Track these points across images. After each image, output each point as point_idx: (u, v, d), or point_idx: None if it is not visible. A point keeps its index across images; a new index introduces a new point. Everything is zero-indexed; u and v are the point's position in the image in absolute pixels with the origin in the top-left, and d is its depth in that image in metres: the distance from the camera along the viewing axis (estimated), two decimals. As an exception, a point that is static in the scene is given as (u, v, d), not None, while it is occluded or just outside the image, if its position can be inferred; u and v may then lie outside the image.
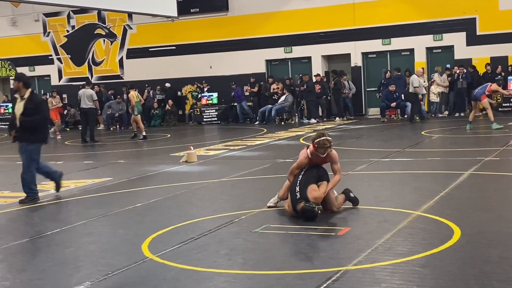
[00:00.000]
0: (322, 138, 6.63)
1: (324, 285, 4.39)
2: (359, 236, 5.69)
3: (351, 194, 6.95)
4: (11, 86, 27.95)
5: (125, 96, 23.39)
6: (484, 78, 19.64)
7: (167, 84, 24.13)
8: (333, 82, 21.19)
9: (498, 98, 19.64)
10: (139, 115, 17.70)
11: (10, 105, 26.87)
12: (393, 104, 19.72)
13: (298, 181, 6.59)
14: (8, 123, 9.31)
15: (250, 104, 22.83)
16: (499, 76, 19.80)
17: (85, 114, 17.58)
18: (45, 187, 9.59)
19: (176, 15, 20.75)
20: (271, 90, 21.95)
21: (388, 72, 20.93)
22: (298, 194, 6.42)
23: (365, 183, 8.64)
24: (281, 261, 5.06)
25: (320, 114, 21.36)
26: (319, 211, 6.40)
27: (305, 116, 21.56)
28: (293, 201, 6.41)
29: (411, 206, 6.74)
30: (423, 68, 20.06)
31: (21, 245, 6.10)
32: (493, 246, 5.15)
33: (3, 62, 27.85)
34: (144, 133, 17.54)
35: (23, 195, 8.44)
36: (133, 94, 17.83)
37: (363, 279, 4.52)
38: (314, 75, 21.59)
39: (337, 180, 6.78)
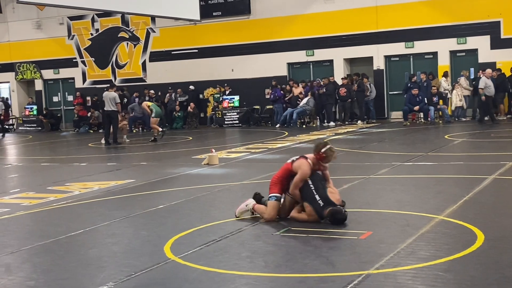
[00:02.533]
0: (328, 147, 6.62)
1: (346, 288, 4.38)
2: (381, 240, 5.67)
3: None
4: (36, 89, 28.44)
5: (146, 98, 23.60)
6: (510, 81, 19.43)
7: (191, 87, 24.26)
8: (356, 85, 21.12)
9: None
10: (156, 118, 17.94)
11: (35, 107, 27.30)
12: (416, 108, 19.59)
13: (313, 190, 6.47)
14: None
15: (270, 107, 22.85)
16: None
17: (108, 117, 17.76)
18: (69, 188, 9.72)
19: (199, 19, 20.86)
20: (294, 94, 21.88)
21: (415, 77, 20.68)
22: (321, 202, 6.37)
23: (388, 187, 8.60)
24: (302, 264, 5.06)
25: (343, 117, 21.29)
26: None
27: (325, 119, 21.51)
28: (318, 210, 6.35)
29: (434, 211, 6.70)
30: (490, 69, 19.15)
31: (46, 245, 6.19)
32: (517, 252, 5.10)
33: (28, 65, 28.33)
34: (156, 135, 17.75)
35: (48, 196, 8.54)
36: (146, 104, 18.25)
37: (385, 283, 4.51)
38: (341, 78, 21.52)
39: (332, 184, 6.92)
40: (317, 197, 6.40)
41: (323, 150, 6.62)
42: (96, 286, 4.75)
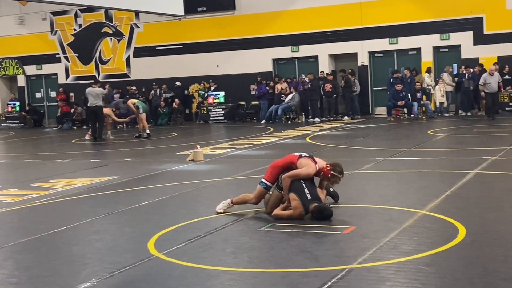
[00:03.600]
0: (340, 176, 6.61)
1: (329, 283, 4.40)
2: (364, 234, 5.70)
3: (331, 189, 7.01)
4: (19, 85, 28.18)
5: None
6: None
7: (177, 83, 24.17)
8: (343, 81, 21.18)
9: (505, 97, 19.61)
10: (144, 114, 17.83)
11: (17, 103, 27.06)
12: (400, 103, 19.68)
13: (303, 184, 6.47)
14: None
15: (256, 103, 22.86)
16: (506, 76, 19.77)
17: (93, 113, 17.65)
18: (52, 185, 9.66)
19: (183, 14, 20.77)
20: (277, 90, 21.90)
21: (398, 73, 20.80)
22: (308, 196, 6.38)
23: (372, 182, 8.65)
24: (286, 259, 5.08)
25: (328, 113, 21.35)
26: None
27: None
28: (305, 202, 6.35)
29: (417, 205, 6.75)
30: (494, 64, 19.00)
31: (28, 242, 6.14)
32: (498, 245, 5.16)
33: (10, 61, 28.04)
34: (148, 131, 17.65)
35: (30, 193, 8.48)
36: (131, 101, 18.15)
37: (368, 277, 4.54)
38: (327, 74, 21.55)
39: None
40: (305, 190, 6.43)
41: (333, 172, 6.55)
42: (79, 283, 4.72)
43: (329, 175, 6.58)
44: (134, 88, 23.99)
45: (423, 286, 4.29)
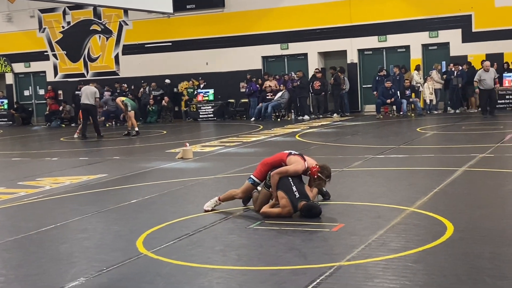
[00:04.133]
0: (327, 179, 6.58)
1: (318, 280, 4.41)
2: (353, 232, 5.72)
3: (324, 188, 7.03)
4: (7, 82, 27.99)
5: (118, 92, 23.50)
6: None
7: (167, 81, 24.09)
8: (332, 78, 21.21)
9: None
10: (133, 112, 17.78)
11: (5, 101, 26.88)
12: (389, 101, 19.76)
13: (290, 181, 6.46)
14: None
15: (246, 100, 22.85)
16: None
17: (86, 111, 17.61)
18: (40, 183, 9.60)
19: (172, 11, 20.70)
20: (264, 87, 21.87)
21: (384, 70, 20.92)
22: (297, 194, 6.37)
23: (360, 180, 8.67)
24: (275, 257, 5.08)
25: (318, 111, 21.37)
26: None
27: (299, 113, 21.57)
28: (293, 200, 6.34)
29: (405, 203, 6.77)
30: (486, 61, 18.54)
31: (16, 241, 6.11)
32: (486, 242, 5.19)
33: (-2, 58, 27.84)
34: (136, 129, 17.61)
35: (19, 191, 8.43)
36: (120, 99, 18.10)
37: (356, 274, 4.55)
38: (315, 71, 21.57)
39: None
40: (293, 188, 6.41)
41: (320, 174, 6.50)
42: (67, 282, 4.70)
43: (315, 176, 6.56)
44: (125, 86, 23.91)
45: (411, 283, 4.31)
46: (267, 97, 21.45)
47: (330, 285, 4.34)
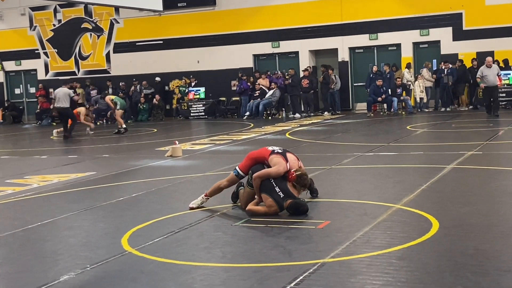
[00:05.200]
0: (305, 184, 6.48)
1: (301, 277, 4.40)
2: (338, 229, 5.72)
3: (314, 186, 7.04)
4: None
5: (110, 90, 23.46)
6: (471, 72, 19.75)
7: (157, 78, 24.04)
8: (322, 76, 21.22)
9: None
10: (121, 110, 17.75)
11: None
12: (380, 99, 19.80)
13: (272, 182, 6.40)
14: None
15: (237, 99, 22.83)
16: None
17: (60, 114, 17.47)
18: (28, 181, 9.56)
19: (162, 9, 20.67)
20: (256, 85, 21.91)
21: (375, 66, 21.00)
22: (281, 194, 6.33)
23: (348, 177, 8.67)
24: (259, 254, 5.07)
25: (308, 109, 21.39)
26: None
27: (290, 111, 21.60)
28: (278, 200, 6.30)
29: (392, 200, 6.78)
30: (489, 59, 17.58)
31: (1, 239, 6.07)
32: (470, 239, 5.20)
33: (-12, 56, 27.71)
34: (124, 126, 17.59)
35: (6, 189, 8.37)
36: (109, 97, 18.05)
37: (340, 271, 4.55)
38: (303, 70, 21.59)
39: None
40: (276, 189, 6.36)
41: (296, 183, 6.38)
42: (50, 279, 4.68)
43: (297, 180, 6.43)
44: (123, 84, 23.87)
45: (393, 279, 4.30)
46: (255, 95, 21.48)
47: (313, 282, 4.33)
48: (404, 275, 4.39)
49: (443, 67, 20.11)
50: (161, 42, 24.56)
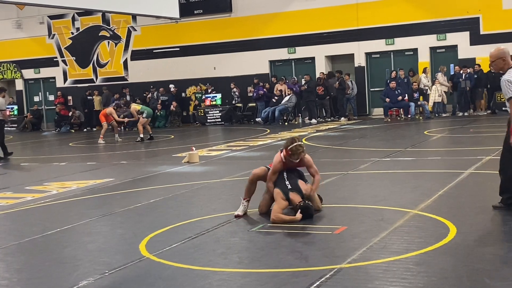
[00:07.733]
0: (295, 144, 6.61)
1: (318, 282, 4.41)
2: (355, 234, 5.72)
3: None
4: (17, 88, 28.21)
5: (128, 97, 23.63)
6: (488, 77, 19.61)
7: (171, 86, 24.20)
8: (337, 82, 21.21)
9: (502, 97, 19.59)
10: (147, 119, 17.69)
11: (16, 107, 27.08)
12: (400, 98, 19.61)
13: (285, 177, 6.66)
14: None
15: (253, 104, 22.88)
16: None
17: None
18: (47, 188, 9.67)
19: (178, 17, 20.82)
20: (275, 91, 21.96)
21: (394, 72, 20.87)
22: (289, 185, 6.55)
23: (365, 182, 8.66)
24: (276, 260, 5.09)
25: (324, 114, 21.37)
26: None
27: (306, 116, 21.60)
28: (285, 191, 6.52)
29: (409, 205, 6.76)
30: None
31: (21, 245, 6.16)
32: (487, 244, 5.17)
33: (8, 65, 28.09)
34: (142, 135, 17.43)
35: (25, 196, 8.48)
36: (135, 108, 17.97)
37: (357, 276, 4.55)
38: (317, 78, 21.59)
39: (319, 179, 6.87)
40: (286, 182, 6.62)
41: (289, 147, 6.63)
42: (69, 285, 4.74)
43: (289, 153, 6.62)
44: (147, 92, 24.08)
45: (411, 285, 4.30)
46: (273, 101, 21.52)
47: (330, 287, 4.34)
48: (421, 281, 4.38)
49: (460, 72, 19.98)
50: (178, 49, 24.72)
